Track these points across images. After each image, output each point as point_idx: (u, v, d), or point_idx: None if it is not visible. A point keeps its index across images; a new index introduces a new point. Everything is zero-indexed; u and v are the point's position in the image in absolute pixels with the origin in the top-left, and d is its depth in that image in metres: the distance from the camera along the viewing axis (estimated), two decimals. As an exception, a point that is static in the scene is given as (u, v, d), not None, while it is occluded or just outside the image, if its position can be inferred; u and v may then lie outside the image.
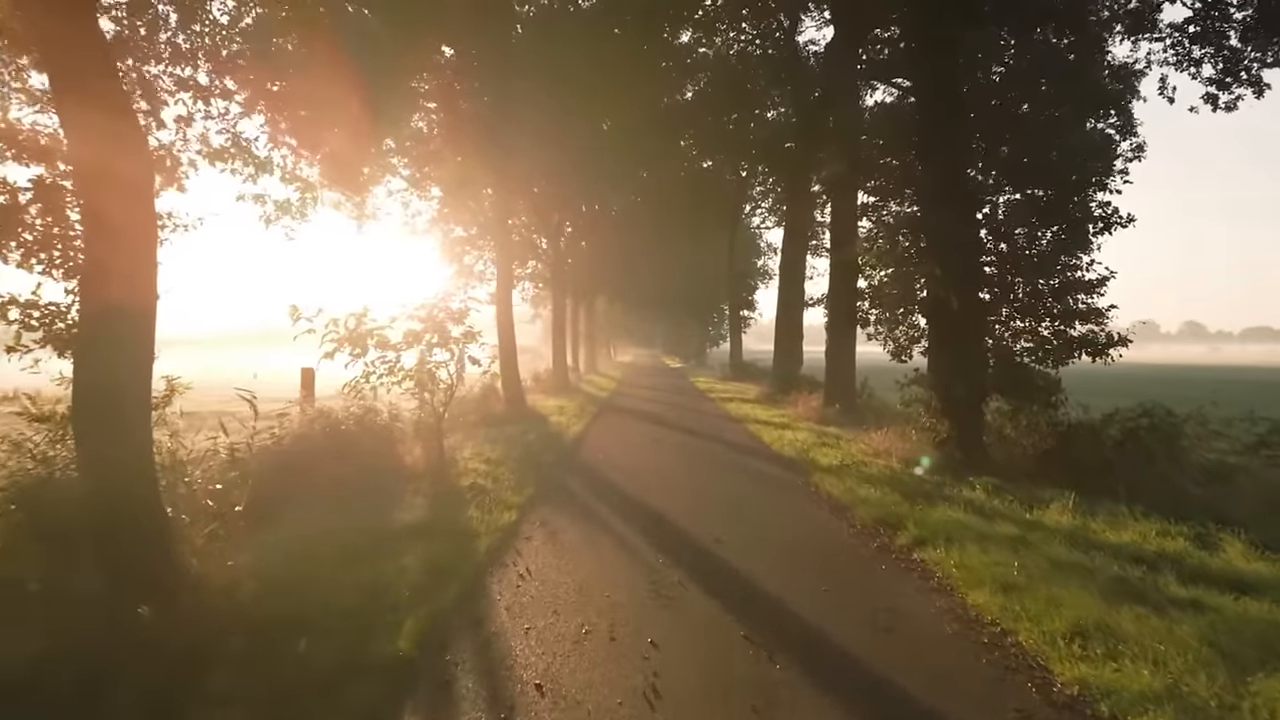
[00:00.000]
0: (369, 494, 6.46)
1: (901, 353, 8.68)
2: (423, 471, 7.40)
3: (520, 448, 9.12)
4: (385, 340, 7.81)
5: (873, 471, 7.40)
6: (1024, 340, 7.93)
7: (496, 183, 14.86)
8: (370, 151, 13.80)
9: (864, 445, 8.71)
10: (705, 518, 5.74)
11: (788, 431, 10.82)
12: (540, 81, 15.67)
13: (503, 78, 14.35)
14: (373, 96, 12.77)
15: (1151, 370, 48.22)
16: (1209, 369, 55.74)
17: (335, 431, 7.54)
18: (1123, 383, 22.90)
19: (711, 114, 20.78)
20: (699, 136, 22.45)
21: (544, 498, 6.51)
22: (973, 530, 5.02)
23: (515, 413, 12.81)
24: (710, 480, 7.44)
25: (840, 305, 12.40)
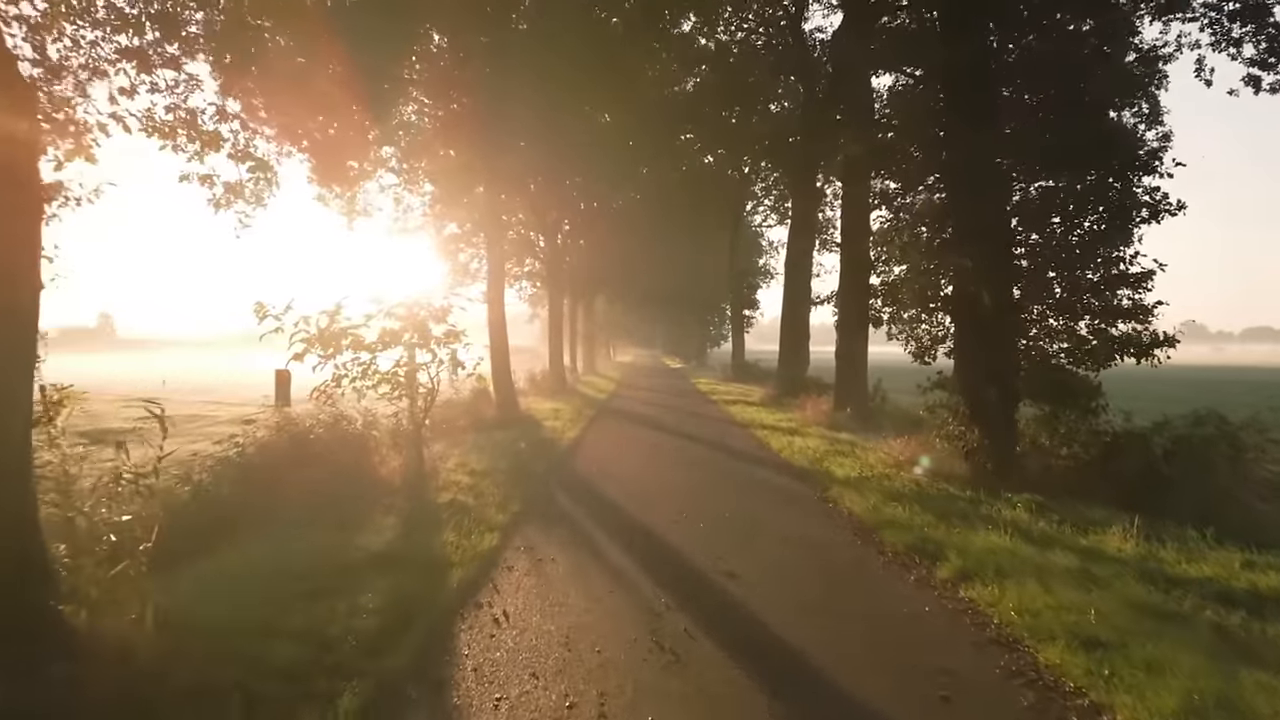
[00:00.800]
0: (335, 512, 5.76)
1: (924, 353, 7.98)
2: (399, 485, 6.70)
3: (509, 457, 8.42)
4: (359, 340, 7.12)
5: (897, 485, 6.70)
6: (1060, 340, 7.21)
7: (489, 177, 14.14)
8: (356, 141, 13.11)
9: (883, 454, 8.01)
10: (713, 542, 5.03)
11: (797, 438, 10.11)
12: (536, 71, 14.96)
13: (497, 67, 13.66)
14: (358, 82, 12.10)
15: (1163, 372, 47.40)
16: (1215, 369, 55.01)
17: (303, 441, 6.85)
18: (1131, 384, 22.20)
19: (712, 107, 20.09)
20: (700, 131, 21.77)
21: (531, 516, 5.80)
22: (1025, 561, 4.32)
23: (507, 417, 12.11)
24: (716, 494, 6.74)
25: (851, 303, 11.70)
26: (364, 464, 6.91)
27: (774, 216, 31.85)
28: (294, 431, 6.96)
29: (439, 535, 5.11)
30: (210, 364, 55.93)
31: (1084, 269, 7.18)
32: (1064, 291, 7.27)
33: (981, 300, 6.82)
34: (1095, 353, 6.95)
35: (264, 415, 7.31)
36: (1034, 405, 7.35)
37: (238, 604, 3.70)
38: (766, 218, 33.04)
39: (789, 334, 16.58)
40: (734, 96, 19.44)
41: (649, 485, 7.08)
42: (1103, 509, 5.71)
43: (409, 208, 20.33)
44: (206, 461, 6.86)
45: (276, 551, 4.73)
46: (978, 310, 6.98)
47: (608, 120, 19.25)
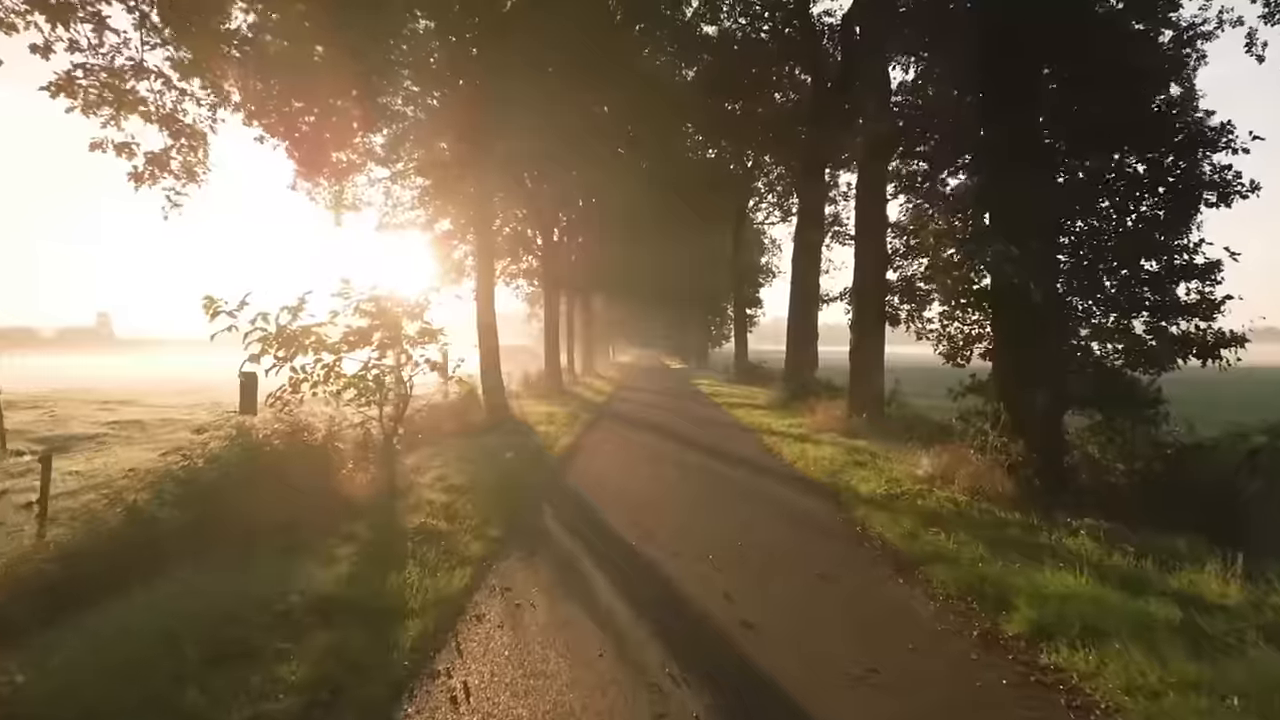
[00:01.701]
0: (286, 539, 4.96)
1: (956, 354, 7.15)
2: (365, 505, 5.87)
3: (495, 469, 7.60)
4: (322, 341, 6.32)
5: (932, 506, 5.88)
6: (1113, 340, 6.38)
7: (478, 170, 13.29)
8: (339, 127, 12.29)
9: (908, 467, 7.18)
10: (725, 580, 4.22)
11: (810, 446, 9.29)
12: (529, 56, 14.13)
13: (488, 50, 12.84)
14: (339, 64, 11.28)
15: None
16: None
17: (257, 454, 6.02)
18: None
19: (715, 97, 19.28)
20: (701, 122, 20.96)
21: (512, 544, 4.98)
22: (1114, 611, 3.49)
23: (497, 422, 11.28)
24: (725, 515, 5.91)
25: (867, 300, 10.87)
26: (326, 480, 6.08)
27: (777, 213, 31.05)
28: (247, 443, 6.13)
29: (400, 571, 4.28)
30: (208, 364, 55.01)
31: (1141, 259, 6.35)
32: (1116, 285, 6.44)
33: (1027, 294, 6.00)
34: (1155, 354, 6.12)
35: (221, 423, 6.49)
36: (1082, 413, 6.55)
37: (123, 670, 2.89)
38: (769, 214, 32.24)
39: (796, 333, 15.77)
40: (737, 86, 18.64)
41: (648, 503, 6.26)
42: (1178, 536, 4.88)
43: (399, 202, 19.65)
44: (149, 477, 6.09)
45: (202, 592, 3.91)
46: (1022, 305, 6.16)
47: (605, 111, 18.45)
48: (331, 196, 18.34)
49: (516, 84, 13.76)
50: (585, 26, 13.80)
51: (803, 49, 16.55)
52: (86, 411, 14.88)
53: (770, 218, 32.47)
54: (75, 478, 7.82)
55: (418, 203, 18.32)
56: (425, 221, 18.66)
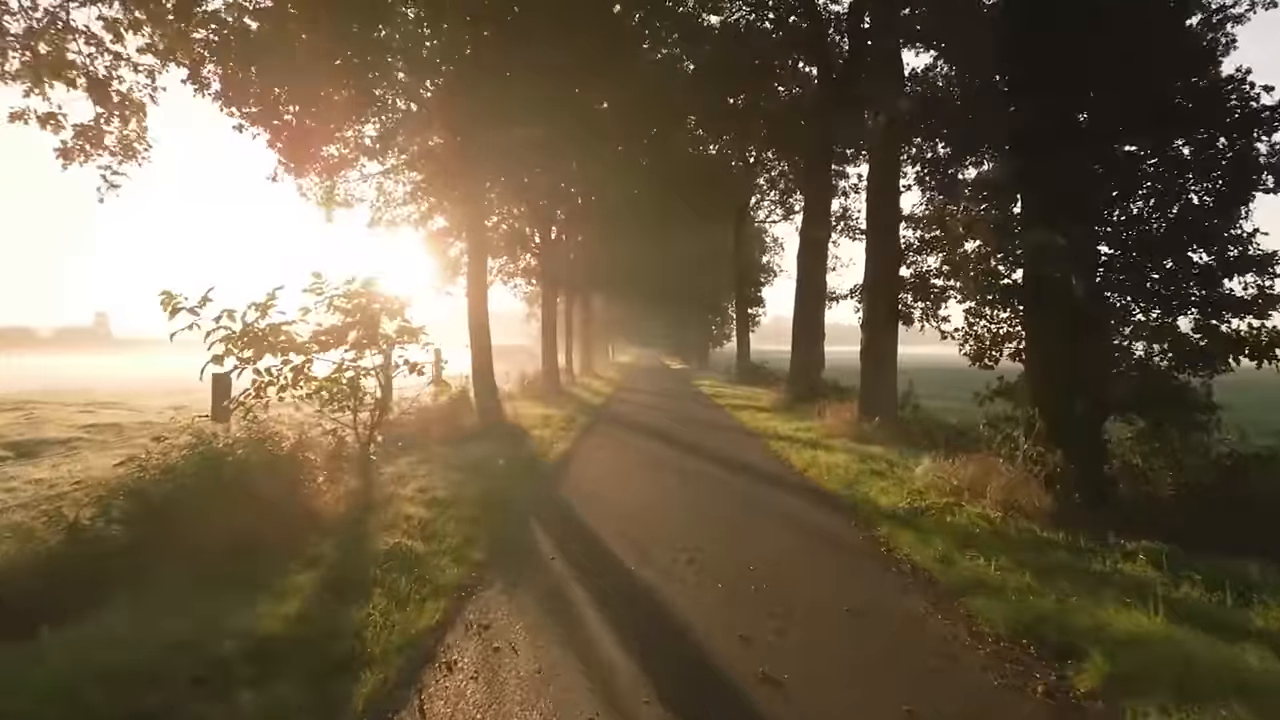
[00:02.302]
0: (243, 564, 4.40)
1: (984, 355, 6.58)
2: (335, 521, 5.31)
3: (482, 479, 7.04)
4: (291, 340, 5.75)
5: (963, 523, 5.32)
6: (1157, 339, 5.82)
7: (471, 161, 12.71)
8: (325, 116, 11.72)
9: (933, 478, 6.61)
10: (739, 617, 3.65)
11: (821, 452, 8.73)
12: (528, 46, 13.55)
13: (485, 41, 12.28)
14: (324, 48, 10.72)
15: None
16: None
17: (216, 466, 5.46)
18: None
19: (716, 90, 18.71)
20: (703, 116, 20.40)
21: (495, 571, 4.42)
22: (1203, 661, 2.93)
23: (489, 426, 10.72)
24: (734, 534, 5.35)
25: (879, 297, 10.32)
26: (294, 494, 5.51)
27: (779, 211, 30.48)
28: (206, 453, 5.57)
29: (363, 605, 3.73)
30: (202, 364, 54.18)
31: (1189, 251, 5.79)
32: (1161, 279, 5.88)
33: (1066, 289, 5.44)
34: (1207, 354, 5.56)
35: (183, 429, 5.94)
36: (1121, 420, 5.99)
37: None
38: (771, 212, 31.67)
39: (802, 333, 15.21)
40: (740, 78, 18.07)
41: (649, 520, 5.70)
42: (1246, 561, 4.32)
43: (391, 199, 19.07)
44: (99, 489, 5.56)
45: (123, 634, 3.36)
46: (1060, 301, 5.60)
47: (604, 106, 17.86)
48: (322, 192, 17.81)
49: (512, 75, 13.20)
50: (584, 16, 13.23)
51: (808, 38, 15.99)
52: (65, 414, 14.33)
53: (772, 216, 31.94)
54: (35, 486, 7.29)
55: (410, 198, 17.75)
56: (419, 218, 18.08)
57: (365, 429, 5.89)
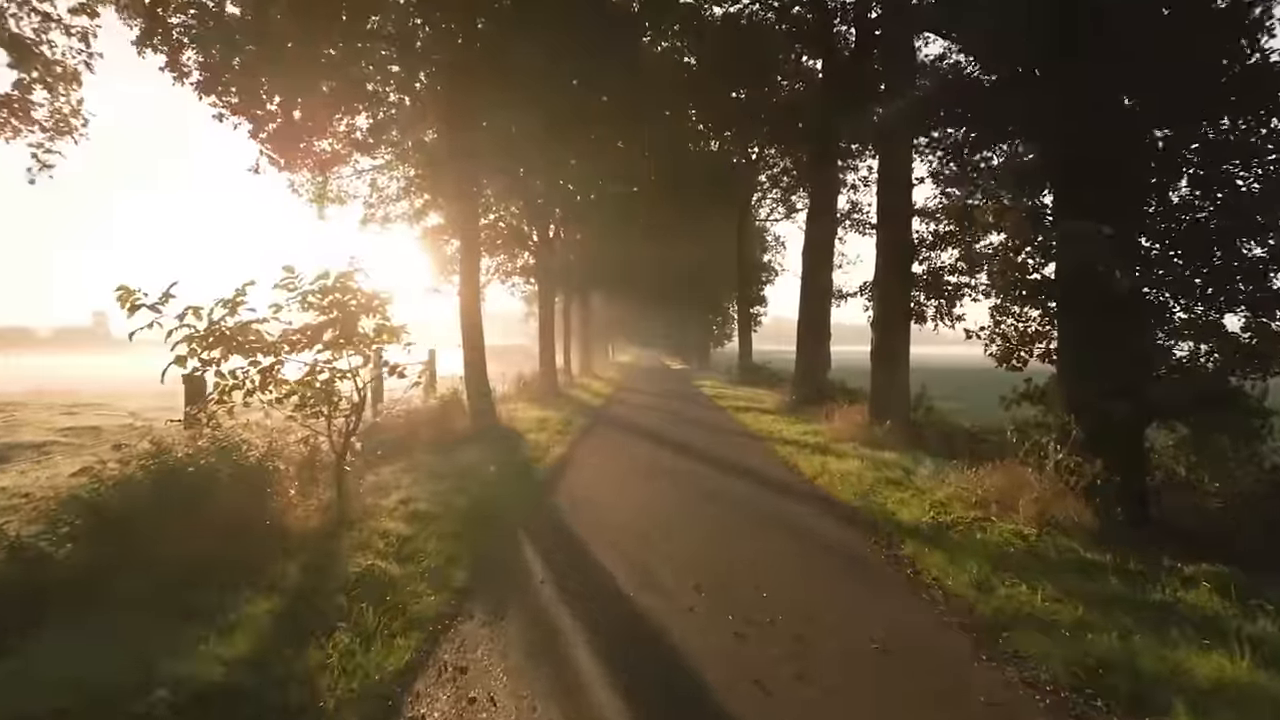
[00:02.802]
0: (193, 590, 3.93)
1: (1011, 356, 6.10)
2: (305, 539, 4.83)
3: (471, 488, 6.56)
4: (263, 340, 5.27)
5: (994, 540, 4.84)
6: (1200, 338, 5.34)
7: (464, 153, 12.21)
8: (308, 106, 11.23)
9: (954, 489, 6.13)
10: (755, 657, 3.18)
11: (831, 458, 8.25)
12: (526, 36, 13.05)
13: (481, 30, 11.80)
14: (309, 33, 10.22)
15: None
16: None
17: (173, 478, 4.98)
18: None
19: (719, 84, 18.23)
20: (705, 111, 19.93)
21: (477, 598, 3.94)
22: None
23: (482, 429, 10.24)
24: (744, 554, 4.86)
25: (890, 295, 9.85)
26: (261, 508, 5.03)
27: (781, 209, 30.00)
28: (170, 463, 5.09)
29: (324, 642, 3.25)
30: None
31: (1237, 243, 5.31)
32: (1208, 274, 5.40)
33: (1106, 284, 4.96)
34: (1259, 354, 5.08)
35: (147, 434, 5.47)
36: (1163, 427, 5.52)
37: None
38: (773, 211, 31.18)
39: (807, 332, 14.73)
40: (742, 72, 17.59)
41: (650, 535, 5.22)
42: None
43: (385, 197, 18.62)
44: (49, 502, 5.10)
45: (41, 677, 2.88)
46: (1097, 297, 5.12)
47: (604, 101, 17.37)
48: (314, 189, 17.36)
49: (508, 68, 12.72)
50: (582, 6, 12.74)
51: (813, 29, 15.53)
52: (46, 416, 13.84)
53: (774, 214, 31.45)
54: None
55: (404, 194, 17.30)
56: (413, 214, 17.62)
57: (341, 436, 5.41)
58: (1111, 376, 5.15)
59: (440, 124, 13.30)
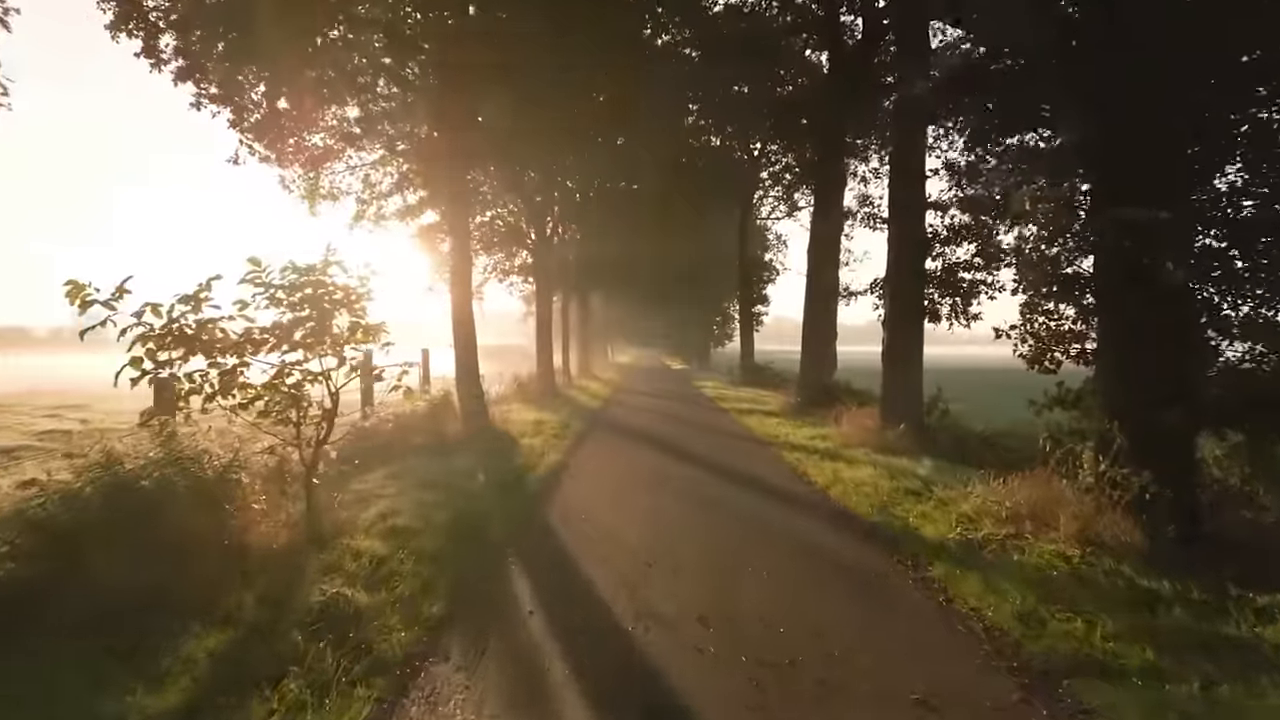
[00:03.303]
0: (133, 624, 3.46)
1: (1044, 357, 5.62)
2: (268, 561, 4.35)
3: (457, 499, 6.09)
4: (229, 339, 4.80)
5: (1033, 562, 4.36)
6: (1262, 338, 4.87)
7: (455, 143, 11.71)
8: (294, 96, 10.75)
9: (981, 501, 5.64)
10: (777, 709, 2.70)
11: (843, 466, 7.77)
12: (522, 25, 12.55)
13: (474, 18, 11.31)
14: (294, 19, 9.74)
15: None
16: None
17: (124, 493, 4.51)
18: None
19: (721, 78, 17.75)
20: (707, 105, 19.45)
21: (454, 635, 3.47)
22: None
23: (475, 433, 9.77)
24: (756, 577, 4.38)
25: (904, 292, 9.37)
26: (221, 527, 4.55)
27: (783, 207, 29.51)
28: (121, 475, 4.62)
29: (268, 695, 2.78)
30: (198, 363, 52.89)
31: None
32: (1264, 267, 4.93)
33: (1155, 277, 4.49)
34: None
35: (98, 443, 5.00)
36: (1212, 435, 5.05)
37: None
38: (774, 209, 30.68)
39: (812, 332, 14.25)
40: (745, 65, 17.11)
41: (651, 556, 4.74)
42: None
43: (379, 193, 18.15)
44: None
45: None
46: (1144, 292, 4.65)
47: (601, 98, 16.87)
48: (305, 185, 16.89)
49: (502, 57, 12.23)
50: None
51: (819, 18, 15.06)
52: (25, 419, 13.34)
53: (775, 212, 30.95)
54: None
55: (397, 188, 16.82)
56: (404, 209, 17.13)
57: (311, 446, 4.92)
58: (1159, 379, 4.68)
59: (431, 116, 12.82)
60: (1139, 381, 4.77)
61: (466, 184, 11.54)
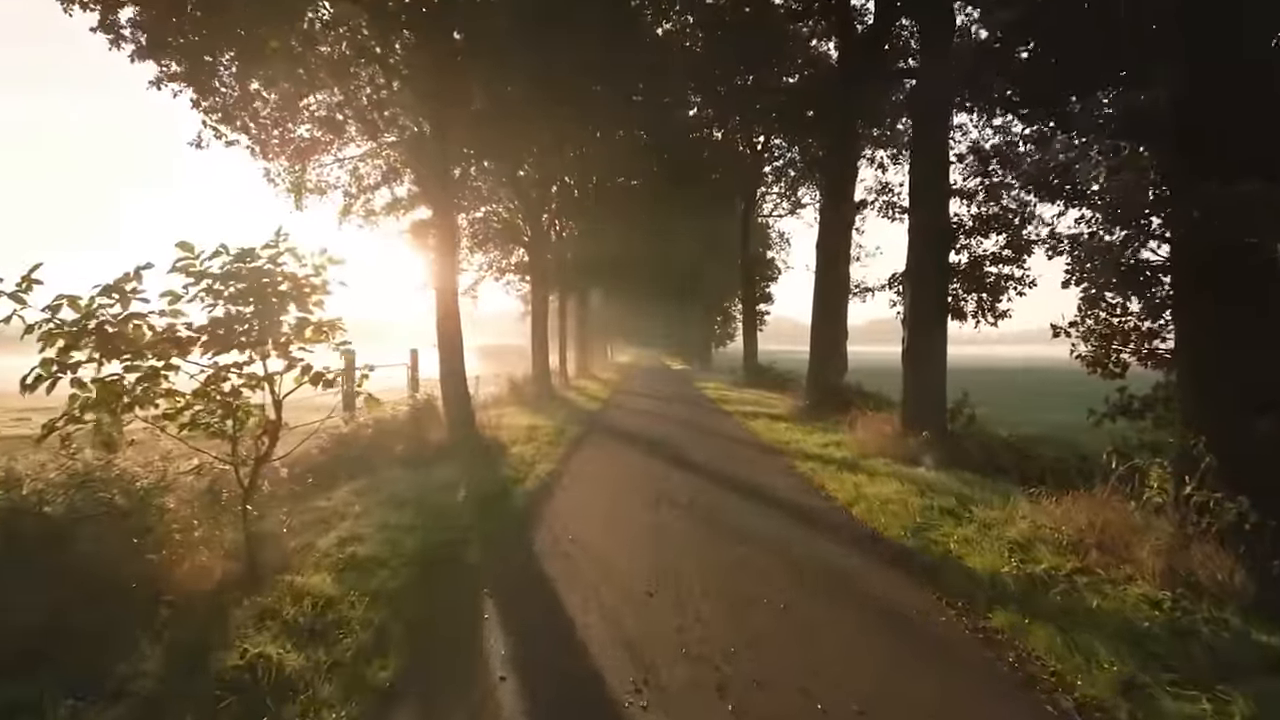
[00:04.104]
0: (7, 689, 2.72)
1: (1105, 358, 4.87)
2: (189, 605, 3.60)
3: (430, 520, 5.34)
4: (149, 339, 4.04)
5: (1116, 606, 3.62)
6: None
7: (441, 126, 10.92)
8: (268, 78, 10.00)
9: (1029, 524, 4.89)
10: None
11: (864, 479, 7.02)
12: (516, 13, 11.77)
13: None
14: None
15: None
16: None
17: (19, 522, 3.76)
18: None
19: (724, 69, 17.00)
20: (709, 97, 18.72)
21: (404, 715, 2.72)
22: None
23: (461, 440, 9.02)
24: (780, 623, 3.64)
25: (927, 288, 8.63)
26: (135, 564, 3.80)
27: (786, 204, 28.81)
28: (16, 500, 3.87)
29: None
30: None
31: None
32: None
33: (1259, 262, 3.74)
34: None
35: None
36: None
37: None
38: (777, 206, 29.96)
39: (822, 331, 13.50)
40: (750, 55, 16.36)
41: (654, 596, 3.99)
42: None
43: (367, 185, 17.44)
44: None
45: None
46: (1238, 281, 3.90)
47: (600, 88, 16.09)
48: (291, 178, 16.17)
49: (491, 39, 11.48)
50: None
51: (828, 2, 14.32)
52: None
53: (778, 209, 30.22)
54: None
55: (385, 180, 16.07)
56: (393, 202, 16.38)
57: (250, 464, 4.17)
58: (1257, 383, 3.93)
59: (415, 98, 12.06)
60: (1229, 386, 4.03)
61: (450, 168, 10.77)
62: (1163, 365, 4.69)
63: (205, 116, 9.14)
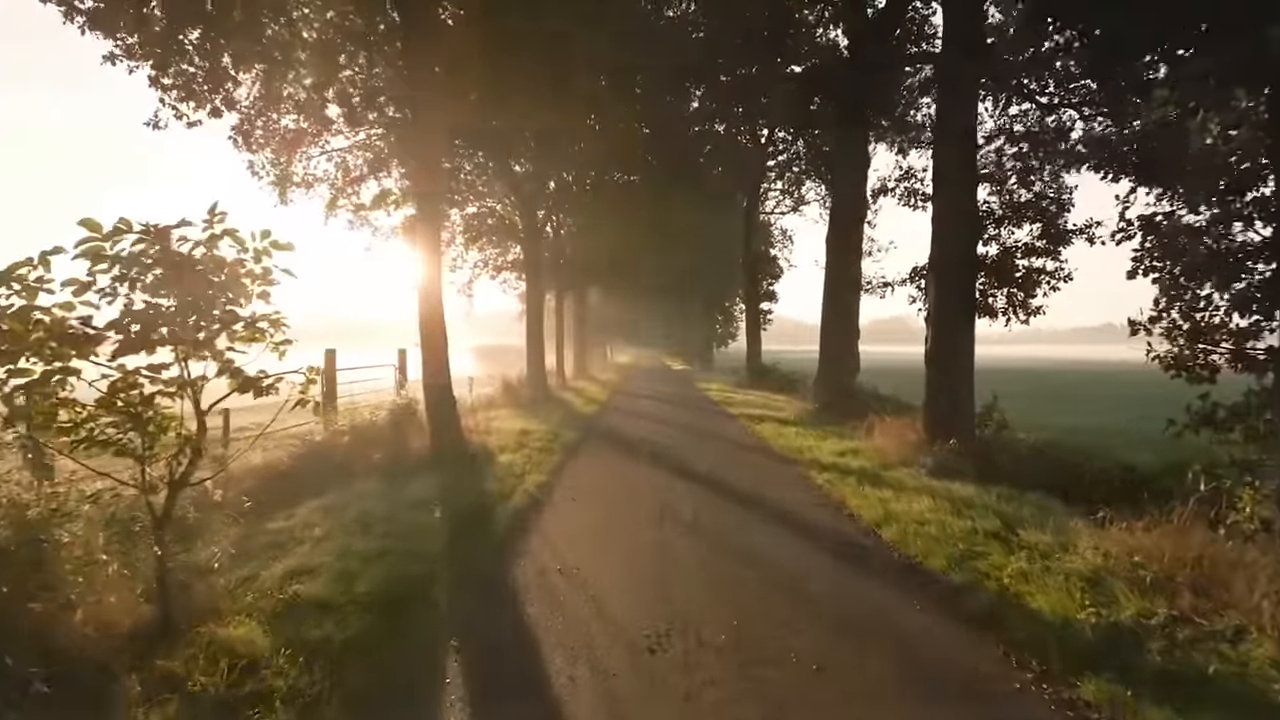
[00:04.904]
0: None
1: (1190, 360, 4.16)
2: (73, 671, 2.88)
3: (397, 548, 4.62)
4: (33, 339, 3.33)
5: (1237, 671, 2.90)
6: None
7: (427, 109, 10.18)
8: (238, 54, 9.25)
9: (1095, 554, 4.17)
10: None
11: (891, 494, 6.29)
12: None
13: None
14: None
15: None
16: None
17: None
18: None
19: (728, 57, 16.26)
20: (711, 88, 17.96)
21: None
22: None
23: (444, 448, 8.29)
24: (813, 697, 2.93)
25: (953, 282, 7.90)
26: (19, 613, 3.08)
27: (788, 201, 28.06)
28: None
29: None
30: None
31: None
32: None
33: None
34: None
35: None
36: None
37: None
38: (779, 203, 29.22)
39: (832, 329, 12.78)
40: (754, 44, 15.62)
41: (657, 650, 3.27)
42: None
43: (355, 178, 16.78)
44: None
45: None
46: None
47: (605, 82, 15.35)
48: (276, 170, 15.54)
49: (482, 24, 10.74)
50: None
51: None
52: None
53: (780, 206, 29.47)
54: None
55: (371, 171, 15.39)
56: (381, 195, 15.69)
57: (166, 488, 3.44)
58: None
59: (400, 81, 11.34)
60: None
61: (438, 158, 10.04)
62: (1257, 369, 3.97)
63: (164, 95, 8.40)
